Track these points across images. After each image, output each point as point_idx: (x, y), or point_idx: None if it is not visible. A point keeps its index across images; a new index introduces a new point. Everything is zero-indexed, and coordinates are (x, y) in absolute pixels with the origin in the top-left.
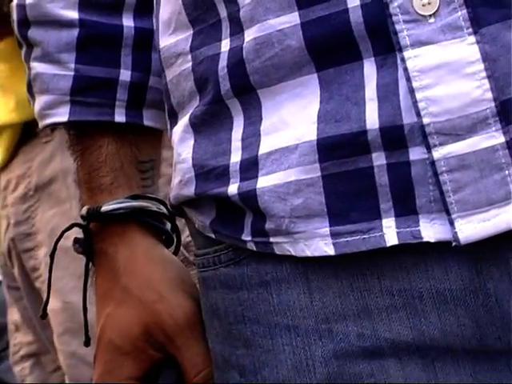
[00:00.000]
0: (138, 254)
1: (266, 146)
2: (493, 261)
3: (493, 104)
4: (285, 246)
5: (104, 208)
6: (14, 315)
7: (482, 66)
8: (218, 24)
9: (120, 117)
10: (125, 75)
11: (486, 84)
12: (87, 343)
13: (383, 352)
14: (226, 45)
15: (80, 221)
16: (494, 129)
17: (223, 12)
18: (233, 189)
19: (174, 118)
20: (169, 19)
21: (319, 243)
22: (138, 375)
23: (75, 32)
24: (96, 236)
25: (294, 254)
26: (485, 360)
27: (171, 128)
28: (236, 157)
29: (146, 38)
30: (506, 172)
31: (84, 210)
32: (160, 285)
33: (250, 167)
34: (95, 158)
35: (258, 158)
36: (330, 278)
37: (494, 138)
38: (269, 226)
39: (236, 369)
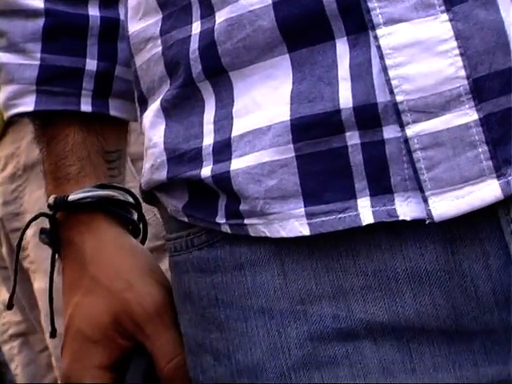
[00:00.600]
0: (106, 243)
1: (238, 128)
2: (468, 241)
3: (466, 82)
4: (259, 228)
5: (71, 197)
6: (2, 295)
7: (454, 43)
8: (188, 7)
9: (86, 106)
10: (91, 65)
11: (459, 62)
12: (53, 334)
13: (358, 333)
14: (196, 27)
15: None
16: (467, 106)
17: None
18: (206, 171)
19: (144, 105)
20: (138, 4)
21: (294, 224)
22: (108, 364)
23: (41, 22)
24: (63, 225)
25: (269, 235)
26: (460, 341)
27: (141, 114)
28: (208, 140)
29: (112, 28)
30: (480, 149)
31: (51, 199)
32: (128, 273)
33: (223, 150)
34: (62, 148)
35: (231, 140)
36: (305, 260)
37: (467, 115)
38: (243, 207)
39: (210, 353)
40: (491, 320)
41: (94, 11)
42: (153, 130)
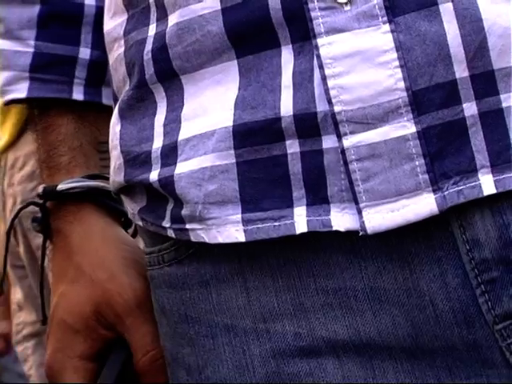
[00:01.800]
0: (93, 233)
1: (185, 132)
2: (426, 260)
3: (405, 93)
4: (199, 233)
5: (60, 187)
6: (17, 294)
7: (395, 55)
8: (148, 9)
9: (78, 94)
10: (84, 53)
11: (399, 73)
12: (44, 322)
13: (321, 351)
14: (152, 30)
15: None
16: (405, 118)
17: None
18: (154, 175)
19: (115, 104)
20: (109, 2)
21: (231, 230)
22: (89, 354)
23: (36, 9)
24: (53, 214)
25: (207, 240)
26: (422, 358)
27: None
28: (158, 143)
29: None
30: (416, 162)
31: (40, 188)
32: (112, 264)
33: (170, 153)
34: (54, 137)
35: (178, 144)
36: (266, 278)
37: (405, 127)
38: (184, 212)
39: (182, 367)
40: (451, 338)
41: (89, 0)
42: (113, 130)
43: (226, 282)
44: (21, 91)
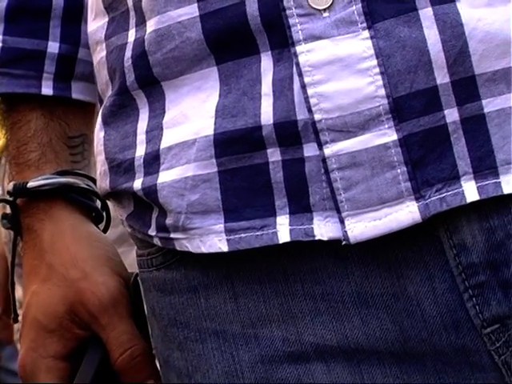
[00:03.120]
0: (64, 231)
1: (167, 140)
2: (413, 264)
3: (386, 101)
4: (183, 242)
5: (30, 184)
6: (18, 292)
7: (375, 61)
8: (127, 13)
9: (47, 89)
10: (53, 47)
11: (379, 80)
12: (15, 319)
13: (309, 356)
14: (132, 35)
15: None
16: (386, 126)
17: (130, 1)
18: (137, 184)
19: (101, 105)
20: (91, 4)
21: (214, 239)
22: (64, 353)
23: (4, 3)
24: (23, 212)
25: (191, 250)
26: (410, 362)
27: None
28: (140, 150)
29: (75, 10)
30: (398, 170)
31: (10, 185)
32: (85, 262)
33: (153, 162)
34: (24, 133)
35: (160, 152)
36: (254, 284)
37: (386, 135)
38: (168, 221)
39: (173, 371)
40: (440, 342)
41: None
42: (97, 136)
43: (214, 288)
44: None
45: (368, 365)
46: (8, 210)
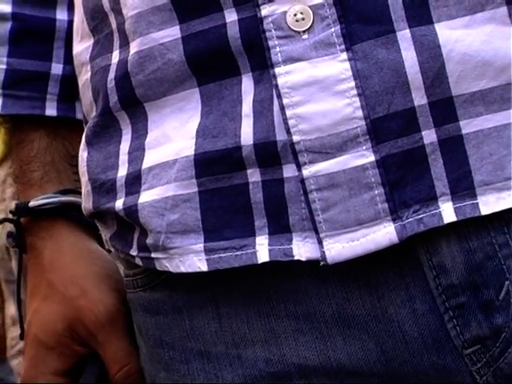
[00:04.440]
0: (64, 249)
1: (149, 160)
2: (393, 286)
3: (363, 122)
4: (163, 262)
5: (32, 203)
6: (10, 309)
7: (353, 83)
8: (111, 35)
9: (51, 110)
10: (56, 69)
11: (357, 102)
12: (22, 336)
13: (292, 376)
14: (115, 56)
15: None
16: (364, 147)
17: (113, 23)
18: (119, 204)
19: (86, 126)
20: (77, 27)
21: (193, 259)
22: (63, 369)
23: (8, 26)
24: (27, 230)
25: (171, 269)
26: (393, 382)
27: None
28: (122, 171)
29: None
30: (376, 192)
31: (13, 204)
32: (83, 280)
33: (134, 182)
34: (27, 153)
35: (141, 172)
36: (238, 304)
37: (364, 156)
38: (149, 241)
39: None
40: (421, 363)
41: (61, 15)
42: (81, 157)
43: (198, 309)
44: None
45: None
46: (13, 229)
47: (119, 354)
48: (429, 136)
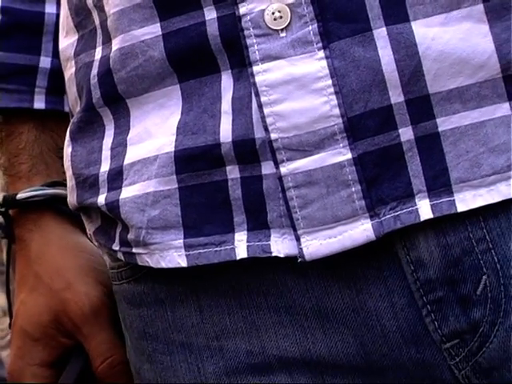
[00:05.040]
0: (51, 241)
1: (130, 156)
2: (372, 280)
3: (340, 120)
4: (144, 257)
5: (19, 196)
6: (2, 300)
7: (330, 81)
8: (95, 31)
9: (39, 103)
10: (45, 62)
11: (334, 100)
12: (10, 325)
13: (273, 367)
14: (98, 53)
15: None
16: (341, 145)
17: (96, 20)
18: (101, 199)
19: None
20: (62, 21)
21: (173, 255)
22: (49, 361)
23: None
24: (15, 222)
25: (151, 265)
26: (372, 375)
27: None
28: (105, 166)
29: None
30: (353, 189)
31: (0, 196)
32: (69, 272)
33: (116, 177)
34: (15, 145)
35: (123, 168)
36: (219, 297)
37: (341, 154)
38: (130, 236)
39: (144, 381)
40: (400, 357)
41: (50, 8)
42: (65, 152)
43: (180, 301)
44: None
45: (331, 376)
46: (2, 220)
47: (103, 347)
48: (405, 133)
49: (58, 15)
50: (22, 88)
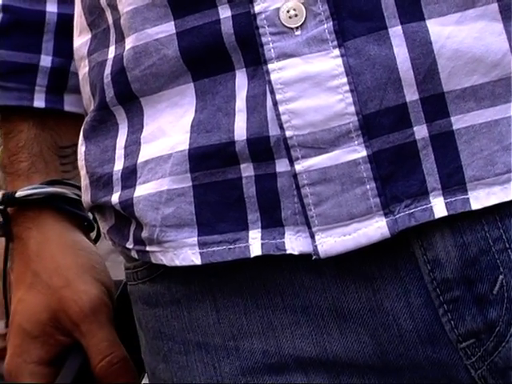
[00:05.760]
0: (50, 239)
1: (144, 154)
2: (389, 280)
3: (355, 118)
4: (158, 255)
5: (18, 193)
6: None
7: (345, 79)
8: (108, 30)
9: (39, 102)
10: (46, 61)
11: (349, 98)
12: (8, 324)
13: (289, 367)
14: (111, 52)
15: None
16: (356, 143)
17: (110, 19)
18: (115, 198)
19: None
20: (76, 21)
21: (187, 252)
22: (47, 359)
23: None
24: (13, 220)
25: (165, 263)
26: (389, 375)
27: None
28: (119, 165)
29: (68, 25)
30: (368, 186)
31: (0, 194)
32: (68, 271)
33: (130, 176)
34: (15, 144)
35: (137, 166)
36: (236, 297)
37: (356, 151)
38: (144, 234)
39: (160, 382)
40: (416, 356)
41: (51, 7)
42: (79, 151)
43: (197, 301)
44: None
45: (347, 376)
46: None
47: (102, 345)
48: (420, 131)
49: (59, 14)
50: (22, 86)
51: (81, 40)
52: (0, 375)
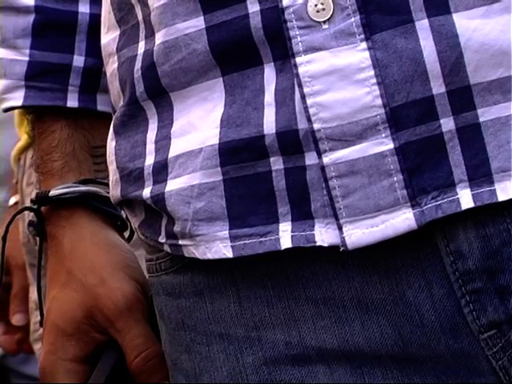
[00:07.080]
0: (84, 238)
1: (175, 149)
2: (411, 271)
3: (383, 110)
4: (190, 249)
5: (52, 193)
6: (34, 293)
7: (372, 72)
8: (137, 26)
9: (72, 102)
10: (78, 61)
11: (377, 90)
12: (42, 323)
13: (311, 358)
14: (141, 47)
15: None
16: (383, 135)
17: (139, 14)
18: (146, 192)
19: (114, 115)
20: (104, 18)
21: (219, 246)
22: (81, 356)
23: (31, 18)
24: (47, 219)
25: (198, 256)
26: (410, 365)
27: None
28: (150, 160)
29: (100, 25)
30: (395, 178)
31: (33, 194)
32: (102, 268)
33: (161, 170)
34: (48, 143)
35: (168, 161)
36: (258, 288)
37: (383, 144)
38: (176, 228)
39: (181, 373)
40: (438, 347)
41: (83, 8)
42: (109, 146)
43: (219, 292)
44: (17, 99)
45: (369, 367)
46: (34, 218)
47: (137, 341)
48: (447, 124)
49: (91, 15)
50: (55, 86)
51: (109, 37)
52: (29, 376)
